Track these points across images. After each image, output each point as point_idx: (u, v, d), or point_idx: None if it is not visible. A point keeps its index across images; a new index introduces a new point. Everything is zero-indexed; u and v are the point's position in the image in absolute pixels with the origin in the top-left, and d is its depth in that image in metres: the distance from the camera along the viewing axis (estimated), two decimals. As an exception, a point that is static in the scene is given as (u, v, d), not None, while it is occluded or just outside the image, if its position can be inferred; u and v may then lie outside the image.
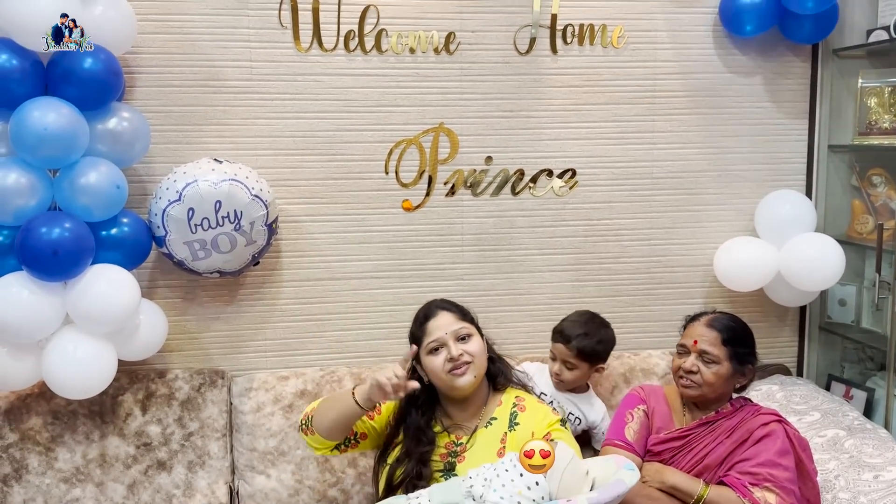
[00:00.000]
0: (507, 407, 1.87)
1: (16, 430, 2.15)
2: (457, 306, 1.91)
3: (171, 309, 2.32)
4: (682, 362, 1.94)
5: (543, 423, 1.81)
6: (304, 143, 2.36)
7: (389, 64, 2.37)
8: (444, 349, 1.82)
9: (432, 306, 1.90)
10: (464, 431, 1.86)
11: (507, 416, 1.85)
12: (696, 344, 1.92)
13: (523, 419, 1.83)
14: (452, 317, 1.86)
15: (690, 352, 1.93)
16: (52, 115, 1.87)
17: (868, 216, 2.53)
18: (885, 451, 2.02)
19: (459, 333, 1.83)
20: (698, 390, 1.91)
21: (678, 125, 2.53)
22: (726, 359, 1.91)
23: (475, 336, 1.86)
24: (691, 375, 1.91)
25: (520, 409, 1.86)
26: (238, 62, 2.30)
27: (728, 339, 1.93)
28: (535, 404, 1.88)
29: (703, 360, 1.91)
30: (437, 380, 1.84)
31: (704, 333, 1.93)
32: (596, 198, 2.53)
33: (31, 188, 1.92)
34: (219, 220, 2.08)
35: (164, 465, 2.19)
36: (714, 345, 1.91)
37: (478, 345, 1.85)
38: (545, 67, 2.44)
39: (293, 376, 2.32)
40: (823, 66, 2.57)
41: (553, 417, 1.84)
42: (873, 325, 2.55)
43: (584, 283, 2.56)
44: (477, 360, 1.83)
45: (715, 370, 1.90)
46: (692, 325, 1.99)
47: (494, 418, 1.85)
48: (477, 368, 1.83)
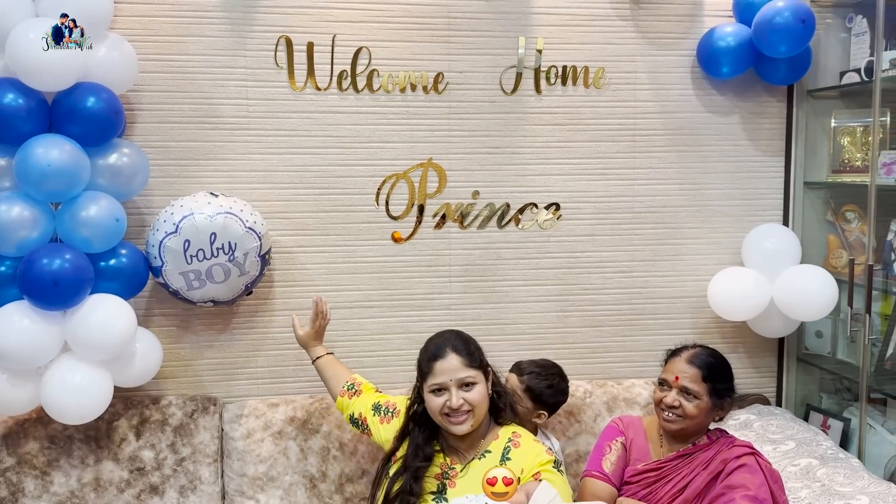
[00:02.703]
0: (503, 441, 1.89)
1: (13, 454, 2.20)
2: (467, 348, 1.89)
3: (166, 337, 2.39)
4: (663, 396, 1.99)
5: (535, 461, 1.81)
6: (298, 177, 2.45)
7: (380, 102, 2.46)
8: (445, 393, 1.84)
9: (444, 345, 1.89)
10: (459, 459, 1.89)
11: (501, 450, 1.87)
12: (677, 380, 1.97)
13: (515, 455, 1.85)
14: (460, 362, 1.86)
15: (672, 387, 1.98)
16: (56, 151, 1.95)
17: (842, 250, 2.62)
18: (856, 480, 2.08)
19: (464, 381, 1.85)
20: (681, 423, 1.97)
21: (658, 162, 2.62)
22: (706, 394, 1.97)
23: (479, 385, 1.86)
24: (673, 410, 1.96)
25: (514, 445, 1.87)
26: (235, 100, 2.39)
27: (708, 375, 1.98)
28: (530, 442, 1.89)
29: (684, 396, 1.97)
30: (434, 418, 1.88)
31: (686, 370, 1.98)
32: (579, 231, 2.61)
33: (33, 221, 2.00)
34: (214, 251, 2.16)
35: (157, 489, 2.25)
36: (695, 381, 1.96)
37: (480, 393, 1.85)
38: (530, 106, 2.54)
39: (283, 403, 2.39)
40: (798, 107, 2.66)
41: (546, 458, 1.83)
42: (848, 356, 2.62)
43: (568, 314, 2.64)
44: (477, 410, 1.85)
45: (696, 404, 1.95)
46: (673, 361, 2.03)
47: (489, 451, 1.88)
48: (476, 417, 1.85)
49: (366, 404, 2.12)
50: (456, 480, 1.85)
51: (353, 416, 2.13)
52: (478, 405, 1.85)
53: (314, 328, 2.26)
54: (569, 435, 2.44)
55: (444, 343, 1.90)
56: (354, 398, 2.14)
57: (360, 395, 2.15)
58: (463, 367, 1.85)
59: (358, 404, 2.13)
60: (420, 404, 1.93)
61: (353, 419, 2.14)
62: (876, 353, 2.46)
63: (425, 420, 1.93)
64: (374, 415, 2.09)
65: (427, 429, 1.92)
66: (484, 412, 1.88)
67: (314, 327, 2.26)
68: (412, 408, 1.96)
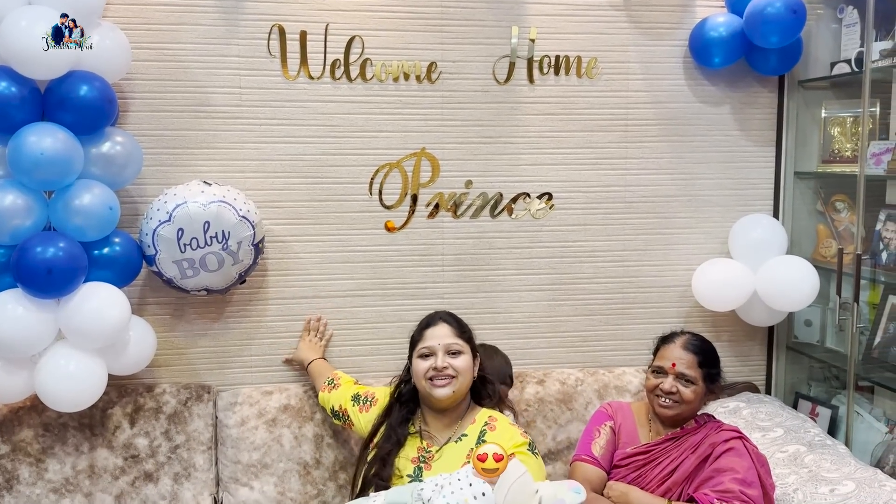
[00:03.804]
0: (479, 425, 1.94)
1: (7, 442, 2.22)
2: (459, 323, 2.01)
3: (160, 325, 2.40)
4: (658, 383, 2.01)
5: (510, 443, 1.85)
6: (291, 166, 2.45)
7: (373, 92, 2.47)
8: (432, 357, 1.92)
9: (436, 316, 2.01)
10: (435, 442, 1.94)
11: (477, 433, 1.92)
12: (674, 367, 2.00)
13: (491, 437, 1.89)
14: (450, 330, 1.96)
15: (668, 373, 2.01)
16: (49, 140, 1.95)
17: (832, 240, 2.64)
18: (843, 466, 2.11)
19: (451, 348, 1.93)
20: (677, 409, 2.00)
21: (650, 152, 2.64)
22: (701, 379, 2.00)
23: (465, 355, 1.95)
24: (671, 396, 1.99)
25: (490, 429, 1.92)
26: (228, 89, 2.39)
27: (703, 361, 2.02)
28: (506, 425, 1.94)
29: (681, 382, 1.99)
30: (418, 384, 1.95)
31: (682, 357, 2.01)
32: (571, 220, 2.63)
33: (27, 209, 2.00)
34: (207, 240, 2.17)
35: (151, 476, 2.26)
36: (691, 367, 2.00)
37: (465, 363, 1.93)
38: (522, 96, 2.55)
39: (277, 391, 2.40)
40: (789, 97, 2.68)
41: (520, 440, 1.88)
42: (837, 344, 2.65)
43: (559, 303, 2.66)
44: (460, 378, 1.92)
45: (693, 390, 1.99)
46: (667, 348, 2.06)
47: (465, 435, 1.93)
48: (458, 385, 1.91)
49: (345, 396, 2.20)
50: (432, 463, 1.90)
51: (334, 408, 2.21)
52: (461, 373, 1.91)
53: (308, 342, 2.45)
54: (560, 423, 2.47)
55: (437, 315, 2.02)
56: (333, 391, 2.23)
57: (339, 387, 2.23)
58: (451, 335, 1.95)
59: (336, 397, 2.21)
60: (407, 383, 1.99)
61: (335, 412, 2.21)
62: (864, 341, 2.49)
63: (410, 397, 1.99)
64: (353, 405, 2.16)
65: (406, 409, 1.98)
66: (466, 384, 1.94)
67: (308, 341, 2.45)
68: (399, 387, 2.03)
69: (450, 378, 1.91)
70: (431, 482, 1.69)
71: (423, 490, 1.66)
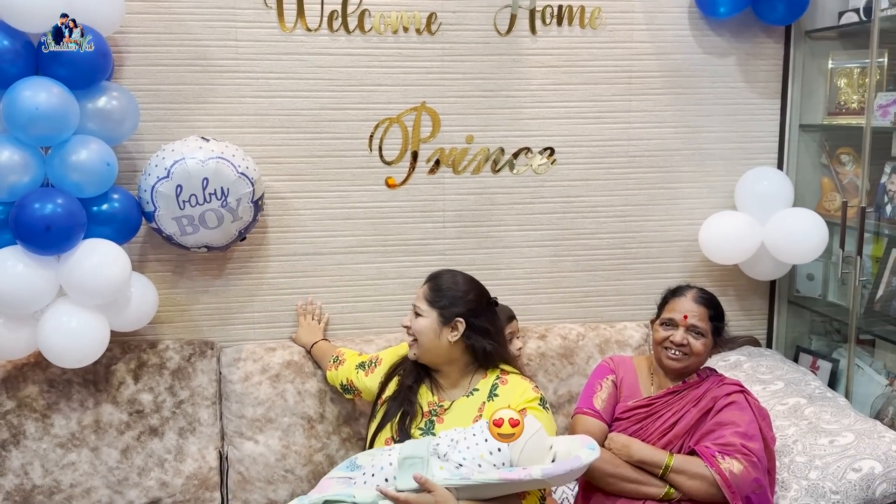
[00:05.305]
0: (491, 380, 1.93)
1: (13, 398, 2.23)
2: (438, 289, 1.94)
3: (162, 282, 2.40)
4: (668, 335, 2.01)
5: (521, 398, 1.85)
6: (289, 121, 2.42)
7: (372, 44, 2.42)
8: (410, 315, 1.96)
9: (433, 277, 1.98)
10: (447, 396, 1.95)
11: (489, 387, 1.91)
12: (685, 319, 1.99)
13: (502, 391, 1.89)
14: (424, 294, 1.94)
15: (679, 326, 2.00)
16: (44, 94, 1.92)
17: (836, 193, 2.62)
18: (842, 418, 2.12)
19: (416, 309, 1.93)
20: (686, 361, 1.99)
21: (654, 105, 2.60)
22: (710, 332, 2.01)
23: (424, 319, 1.91)
24: (682, 348, 1.99)
25: (501, 383, 1.91)
26: (224, 41, 2.35)
27: (714, 314, 2.02)
28: (518, 380, 1.92)
29: (692, 334, 1.99)
30: None
31: (694, 309, 2.00)
32: (574, 175, 2.60)
33: (23, 165, 1.98)
34: (206, 196, 2.15)
35: (156, 431, 2.29)
36: (703, 320, 2.00)
37: (422, 325, 1.90)
38: (525, 48, 2.50)
39: (280, 348, 2.41)
40: (796, 48, 2.63)
41: (532, 395, 1.87)
42: (839, 298, 2.65)
43: (561, 259, 2.65)
44: (420, 340, 1.91)
45: (703, 342, 1.99)
46: (677, 300, 2.05)
47: (476, 389, 1.92)
48: (419, 348, 1.92)
49: (350, 368, 2.22)
50: (444, 416, 1.90)
51: (343, 383, 2.24)
52: (419, 335, 1.92)
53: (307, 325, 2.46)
54: (561, 377, 2.48)
55: (433, 274, 2.00)
56: (340, 368, 2.25)
57: (344, 363, 2.25)
58: (422, 298, 1.95)
59: (343, 372, 2.24)
60: None
61: (344, 387, 2.24)
62: (866, 295, 2.48)
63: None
64: (358, 372, 2.18)
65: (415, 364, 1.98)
66: (433, 350, 1.92)
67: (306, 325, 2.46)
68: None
69: (412, 339, 1.93)
70: (447, 437, 1.70)
71: (439, 445, 1.68)
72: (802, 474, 1.95)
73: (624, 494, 1.91)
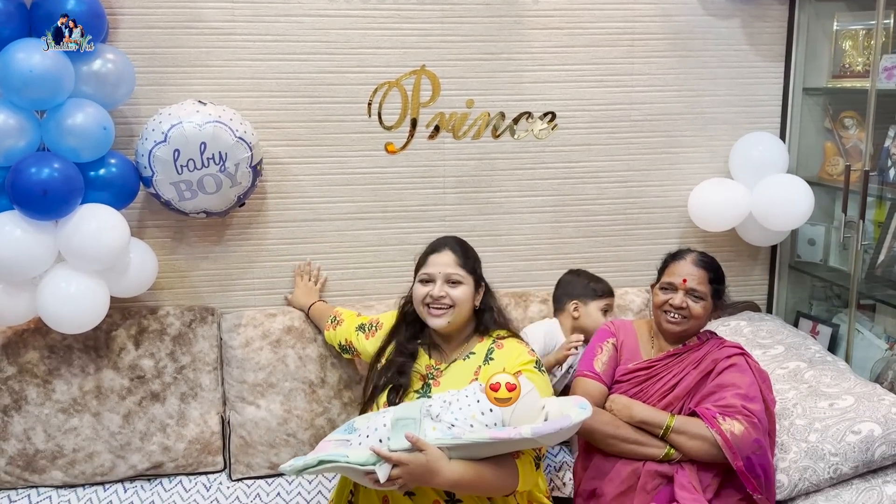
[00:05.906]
0: (487, 343, 1.93)
1: (14, 364, 2.23)
2: (464, 252, 1.94)
3: (161, 248, 2.39)
4: (668, 298, 2.01)
5: (517, 361, 1.84)
6: (287, 84, 2.39)
7: (371, 5, 2.38)
8: (431, 284, 1.90)
9: (441, 242, 1.96)
10: (443, 359, 1.95)
11: (485, 351, 1.91)
12: (685, 282, 1.99)
13: (498, 355, 1.88)
14: (453, 259, 1.91)
15: (678, 289, 2.00)
16: (37, 56, 1.90)
17: (839, 158, 2.60)
18: (842, 382, 2.13)
19: (451, 277, 1.89)
20: (685, 324, 2.00)
21: (656, 68, 2.57)
22: (710, 295, 2.01)
23: (465, 286, 1.90)
24: (681, 311, 1.99)
25: (497, 347, 1.91)
26: (220, 3, 2.31)
27: (713, 277, 2.02)
28: (514, 344, 1.92)
29: (692, 297, 1.99)
30: (417, 308, 1.94)
31: (693, 272, 2.00)
32: (575, 140, 2.58)
33: (19, 129, 1.96)
34: (204, 161, 2.13)
35: (158, 396, 2.29)
36: (702, 283, 2.00)
37: (464, 293, 1.89)
38: (526, 9, 2.46)
39: (280, 314, 2.41)
40: (800, 10, 2.59)
41: (528, 357, 1.86)
42: (840, 263, 2.65)
43: (562, 224, 2.64)
44: (458, 309, 1.89)
45: (702, 305, 1.99)
46: (677, 264, 2.05)
47: (473, 353, 1.92)
48: (455, 315, 1.89)
49: (349, 329, 2.21)
50: (440, 380, 1.90)
51: (341, 343, 2.24)
52: (459, 304, 1.89)
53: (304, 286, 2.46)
54: (562, 342, 2.48)
55: (444, 241, 1.97)
56: (339, 328, 2.25)
57: (342, 323, 2.25)
58: (454, 265, 1.91)
59: (342, 332, 2.24)
60: (412, 303, 1.97)
61: (342, 346, 2.24)
62: (868, 259, 2.48)
63: (413, 318, 1.98)
64: (358, 334, 2.18)
65: (413, 328, 1.98)
66: (464, 316, 1.92)
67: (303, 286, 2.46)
68: (404, 307, 2.02)
69: (446, 308, 1.88)
70: (440, 398, 1.71)
71: (432, 406, 1.68)
72: (802, 437, 1.96)
73: (624, 455, 1.93)
